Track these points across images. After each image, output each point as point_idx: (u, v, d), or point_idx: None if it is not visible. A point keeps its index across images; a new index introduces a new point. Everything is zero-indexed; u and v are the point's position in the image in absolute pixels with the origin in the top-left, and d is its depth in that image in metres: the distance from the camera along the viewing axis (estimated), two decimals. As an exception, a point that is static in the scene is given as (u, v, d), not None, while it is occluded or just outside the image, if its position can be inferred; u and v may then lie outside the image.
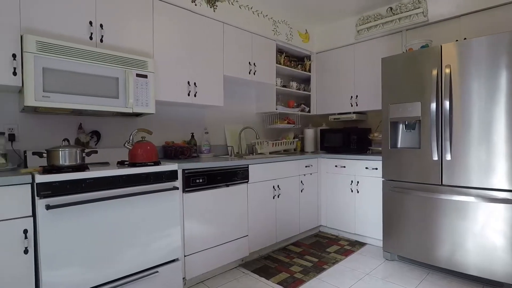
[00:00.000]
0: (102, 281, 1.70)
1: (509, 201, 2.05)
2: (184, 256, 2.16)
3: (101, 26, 2.06)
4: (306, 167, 3.24)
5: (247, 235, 2.61)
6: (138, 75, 2.14)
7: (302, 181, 3.19)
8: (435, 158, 2.34)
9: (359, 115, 3.57)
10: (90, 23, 2.01)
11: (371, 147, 3.33)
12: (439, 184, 2.34)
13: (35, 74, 1.72)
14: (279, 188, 2.93)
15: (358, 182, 3.10)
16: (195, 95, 2.60)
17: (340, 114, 3.67)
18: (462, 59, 2.22)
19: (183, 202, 2.16)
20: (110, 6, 2.11)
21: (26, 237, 1.51)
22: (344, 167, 3.21)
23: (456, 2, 2.71)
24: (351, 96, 3.51)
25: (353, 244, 3.07)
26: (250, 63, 3.07)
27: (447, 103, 2.26)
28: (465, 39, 2.49)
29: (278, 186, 2.92)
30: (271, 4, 3.20)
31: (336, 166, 3.29)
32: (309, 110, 3.90)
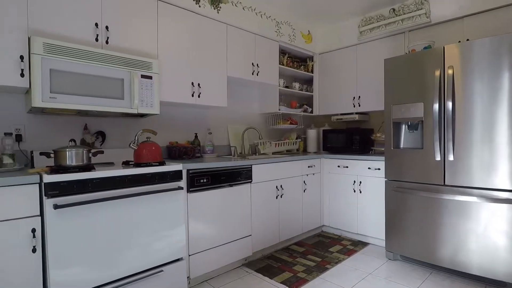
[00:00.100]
0: (109, 279, 1.73)
1: (511, 201, 2.06)
2: (189, 255, 2.18)
3: (106, 28, 2.08)
4: (309, 167, 3.25)
5: (251, 235, 2.63)
6: (143, 76, 2.16)
7: (305, 181, 3.21)
8: (438, 158, 2.35)
9: (362, 115, 3.58)
10: (96, 25, 2.04)
11: (373, 148, 3.35)
12: (442, 184, 2.35)
13: (42, 76, 1.75)
14: (282, 188, 2.95)
15: (360, 182, 3.12)
16: (199, 96, 2.62)
17: (342, 114, 3.69)
18: (465, 60, 2.23)
19: (187, 202, 2.18)
20: (116, 8, 2.14)
21: (34, 236, 1.53)
22: (346, 167, 3.23)
23: (459, 4, 2.71)
24: (354, 97, 3.52)
25: (355, 244, 3.09)
26: (253, 64, 3.09)
27: (449, 104, 2.27)
28: (468, 40, 2.50)
29: (281, 186, 2.93)
30: (274, 5, 3.22)
31: (338, 166, 3.30)
32: (311, 111, 3.91)
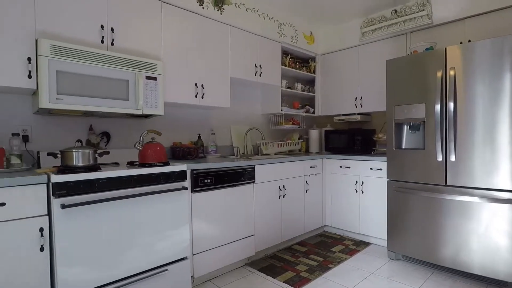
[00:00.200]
0: (114, 278, 1.75)
1: (513, 201, 2.07)
2: (193, 254, 2.21)
3: (112, 29, 2.11)
4: (311, 167, 3.27)
5: (253, 235, 2.65)
6: (147, 78, 2.18)
7: (307, 181, 3.23)
8: (440, 159, 2.37)
9: (364, 116, 3.60)
10: (102, 27, 2.06)
11: (375, 148, 3.36)
12: (444, 184, 2.37)
13: (49, 77, 1.77)
14: (285, 188, 2.97)
15: (362, 183, 3.13)
16: (203, 97, 2.65)
17: (344, 115, 3.70)
18: (467, 61, 2.24)
19: (191, 202, 2.21)
20: (120, 10, 2.16)
21: (42, 235, 1.56)
22: (348, 167, 3.25)
23: (460, 5, 2.73)
24: (356, 98, 3.54)
25: (357, 244, 3.10)
26: (256, 65, 3.11)
27: (451, 105, 2.29)
28: (469, 41, 2.52)
29: (284, 186, 2.95)
30: (277, 6, 3.25)
31: (340, 167, 3.32)
32: (313, 111, 3.93)
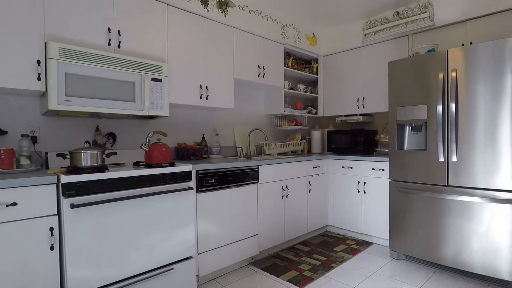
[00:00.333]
0: (122, 277, 1.79)
1: (514, 201, 2.10)
2: (198, 254, 2.24)
3: (118, 32, 2.14)
4: (313, 168, 3.31)
5: (257, 234, 2.68)
6: (153, 79, 2.22)
7: (309, 181, 3.26)
8: (441, 159, 2.39)
9: (366, 117, 3.62)
10: (109, 29, 2.10)
11: (377, 149, 3.39)
12: (445, 185, 2.40)
13: (58, 79, 1.81)
14: (288, 189, 3.00)
15: (365, 183, 3.16)
16: (207, 98, 2.68)
17: (347, 116, 3.73)
18: (468, 63, 2.27)
19: (196, 202, 2.24)
20: (127, 13, 2.20)
21: (52, 234, 1.59)
22: (351, 168, 3.28)
23: (462, 7, 2.75)
24: (358, 98, 3.56)
25: (360, 244, 3.13)
26: (259, 66, 3.14)
27: (453, 106, 2.32)
28: (471, 43, 2.54)
29: (287, 186, 2.98)
30: (280, 8, 3.28)
31: (343, 167, 3.35)
32: (316, 112, 3.96)
